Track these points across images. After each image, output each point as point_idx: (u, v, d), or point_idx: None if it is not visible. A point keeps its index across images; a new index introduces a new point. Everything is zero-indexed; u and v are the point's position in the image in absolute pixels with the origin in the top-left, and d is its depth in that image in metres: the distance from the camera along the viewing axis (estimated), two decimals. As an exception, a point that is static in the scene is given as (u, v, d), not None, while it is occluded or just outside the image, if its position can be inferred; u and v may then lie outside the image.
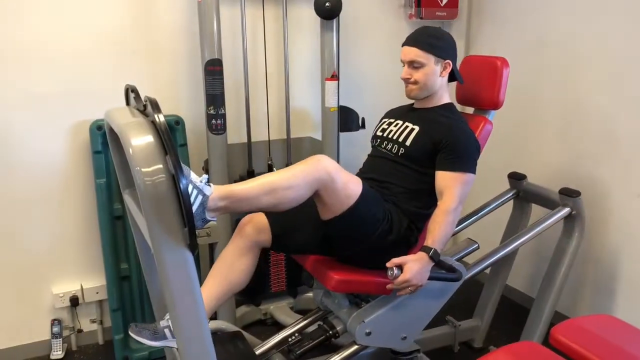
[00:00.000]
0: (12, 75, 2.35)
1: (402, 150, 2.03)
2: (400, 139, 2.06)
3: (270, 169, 2.73)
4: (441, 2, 3.03)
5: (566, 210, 2.30)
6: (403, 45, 2.07)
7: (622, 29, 2.40)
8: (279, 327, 2.71)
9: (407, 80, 2.07)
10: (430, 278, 1.83)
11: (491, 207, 2.51)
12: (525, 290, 3.01)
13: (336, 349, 2.11)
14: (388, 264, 1.77)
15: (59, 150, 2.48)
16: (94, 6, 2.43)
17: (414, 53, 2.02)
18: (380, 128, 2.20)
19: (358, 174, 2.13)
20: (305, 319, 2.27)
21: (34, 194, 2.47)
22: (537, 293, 2.45)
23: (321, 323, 2.13)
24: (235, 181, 2.68)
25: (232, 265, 1.90)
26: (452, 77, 2.11)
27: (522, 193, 2.51)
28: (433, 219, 1.88)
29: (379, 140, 2.17)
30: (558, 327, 1.50)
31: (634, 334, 1.53)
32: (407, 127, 2.08)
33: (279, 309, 2.83)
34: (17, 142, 2.41)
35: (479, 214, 2.49)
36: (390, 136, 2.12)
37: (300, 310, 2.87)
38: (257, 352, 2.13)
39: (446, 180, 1.92)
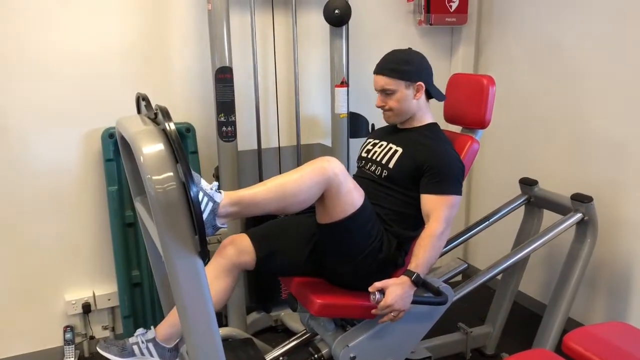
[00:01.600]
0: (24, 84, 2.37)
1: (385, 173, 2.01)
2: (384, 161, 2.03)
3: None
4: (450, 7, 3.03)
5: (578, 216, 2.28)
6: (373, 73, 2.07)
7: (634, 34, 2.38)
8: (289, 333, 2.71)
9: (382, 108, 2.07)
10: (415, 302, 1.79)
11: (502, 213, 2.49)
12: (538, 296, 2.98)
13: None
14: (370, 289, 1.74)
15: (71, 158, 2.51)
16: (105, 15, 2.45)
17: (383, 81, 2.02)
18: (365, 149, 2.18)
19: None
20: (292, 342, 2.24)
21: (46, 201, 2.49)
22: (549, 299, 2.43)
23: (306, 346, 2.10)
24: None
25: (210, 286, 1.85)
26: (429, 96, 2.09)
27: (534, 199, 2.49)
28: (419, 242, 1.85)
29: (363, 161, 2.14)
30: (571, 335, 1.49)
31: (648, 341, 1.51)
32: (390, 148, 2.06)
33: (290, 315, 2.83)
34: (30, 150, 2.43)
35: (490, 220, 2.48)
36: (374, 157, 2.09)
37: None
38: (268, 359, 2.13)
39: (432, 204, 1.89)
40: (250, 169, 2.75)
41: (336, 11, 2.53)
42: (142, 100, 1.53)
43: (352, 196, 1.77)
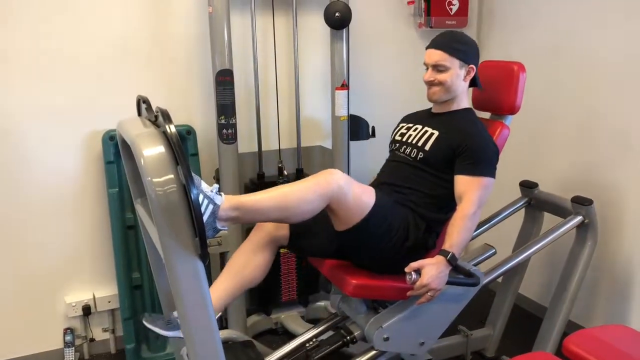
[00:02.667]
0: (25, 85, 2.38)
1: (421, 155, 2.04)
2: (420, 144, 2.06)
3: (280, 172, 2.73)
4: (451, 10, 3.03)
5: (578, 218, 2.28)
6: (427, 47, 2.08)
7: (635, 37, 2.38)
8: (290, 336, 2.71)
9: (430, 83, 2.07)
10: (448, 283, 1.82)
11: (503, 215, 2.49)
12: (538, 299, 2.98)
13: (347, 358, 2.10)
14: (406, 269, 1.78)
15: (71, 160, 2.51)
16: (106, 17, 2.45)
17: (438, 56, 2.03)
18: (399, 132, 2.21)
19: (376, 179, 2.15)
20: (322, 325, 2.27)
21: (46, 203, 2.49)
22: (549, 302, 2.42)
23: (338, 329, 2.13)
24: (245, 185, 2.70)
25: (248, 260, 1.92)
26: (471, 82, 2.11)
27: (534, 201, 2.49)
28: (452, 223, 1.88)
29: (397, 144, 2.17)
30: (571, 338, 1.49)
31: (648, 344, 1.51)
32: (426, 131, 2.09)
33: (290, 318, 2.83)
34: (30, 152, 2.43)
35: (491, 222, 2.48)
36: (409, 140, 2.12)
37: (311, 319, 2.86)
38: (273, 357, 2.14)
39: (465, 185, 1.92)
40: (250, 171, 2.75)
41: (337, 14, 2.53)
42: (142, 103, 1.53)
43: (362, 200, 1.80)
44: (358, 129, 2.79)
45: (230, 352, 1.94)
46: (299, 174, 2.78)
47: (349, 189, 1.74)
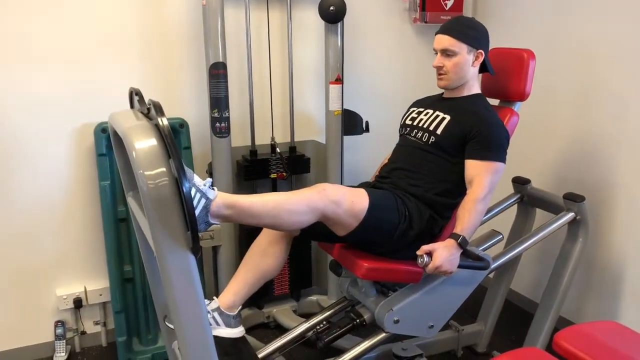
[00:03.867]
0: (17, 78, 2.35)
1: (432, 139, 2.04)
2: (431, 128, 2.07)
3: (273, 149, 2.72)
4: (445, 6, 3.03)
5: (570, 215, 2.29)
6: (437, 33, 2.08)
7: (631, 30, 2.39)
8: (282, 330, 2.71)
9: (439, 69, 2.08)
10: (459, 266, 1.84)
11: (495, 211, 2.50)
12: (529, 295, 2.99)
13: (339, 352, 2.10)
14: (418, 252, 1.80)
15: (63, 153, 2.49)
16: (99, 9, 2.43)
17: (447, 41, 2.03)
18: (410, 117, 2.21)
19: (387, 164, 2.18)
20: (332, 308, 2.30)
21: (37, 196, 2.48)
22: (541, 298, 2.44)
23: (348, 312, 2.16)
24: (238, 162, 2.68)
25: (265, 251, 1.94)
26: (481, 68, 2.12)
27: (526, 197, 2.50)
28: (462, 206, 1.91)
29: (408, 128, 2.18)
30: (562, 333, 1.49)
31: (639, 341, 1.52)
32: (437, 116, 2.09)
33: (282, 312, 2.83)
34: (22, 144, 2.42)
35: (483, 218, 2.48)
36: (420, 125, 2.12)
37: (303, 313, 2.86)
38: (260, 355, 2.13)
39: (476, 169, 1.94)
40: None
41: (331, 8, 2.52)
42: (135, 95, 1.52)
43: (355, 207, 1.82)
44: (352, 123, 2.79)
45: (221, 346, 1.94)
46: (292, 152, 2.79)
47: (341, 202, 1.77)
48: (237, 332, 1.89)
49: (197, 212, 1.47)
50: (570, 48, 2.66)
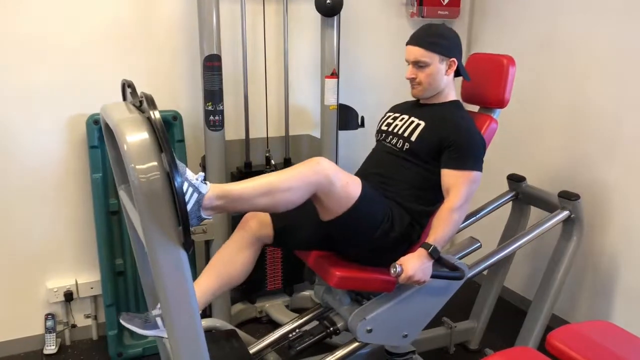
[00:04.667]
0: (8, 68, 2.32)
1: (407, 145, 2.02)
2: (406, 134, 2.05)
3: (267, 161, 2.71)
4: (443, 1, 3.01)
5: (565, 213, 2.28)
6: (407, 44, 2.06)
7: (626, 31, 2.38)
8: (274, 325, 2.70)
9: (412, 80, 2.06)
10: (432, 276, 1.82)
11: (490, 208, 2.49)
12: (523, 292, 3.00)
13: (332, 349, 2.10)
14: (391, 265, 1.78)
15: (54, 144, 2.46)
16: (93, 0, 2.41)
17: (418, 53, 2.01)
18: (385, 122, 2.19)
19: (360, 169, 2.13)
20: (306, 316, 2.27)
21: (29, 188, 2.45)
22: (534, 296, 2.44)
23: (322, 320, 2.13)
24: (232, 173, 2.67)
25: (232, 258, 1.90)
26: (457, 73, 2.10)
27: (521, 195, 2.50)
28: (437, 215, 1.88)
29: (383, 134, 2.15)
30: (555, 333, 1.49)
31: (631, 341, 1.52)
32: (412, 122, 2.07)
33: (275, 307, 2.82)
34: (13, 135, 2.39)
35: (478, 215, 2.48)
36: (395, 131, 2.10)
37: (296, 308, 2.86)
38: (252, 350, 2.12)
39: (452, 179, 1.91)
40: (237, 158, 2.72)
41: (328, 1, 2.50)
42: (127, 87, 1.50)
43: (348, 190, 1.78)
44: (347, 118, 2.77)
45: (213, 341, 1.93)
46: (287, 164, 2.76)
47: (336, 179, 1.71)
48: None
49: (189, 206, 1.44)
50: (568, 46, 2.65)
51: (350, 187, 1.79)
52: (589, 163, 2.58)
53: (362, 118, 2.79)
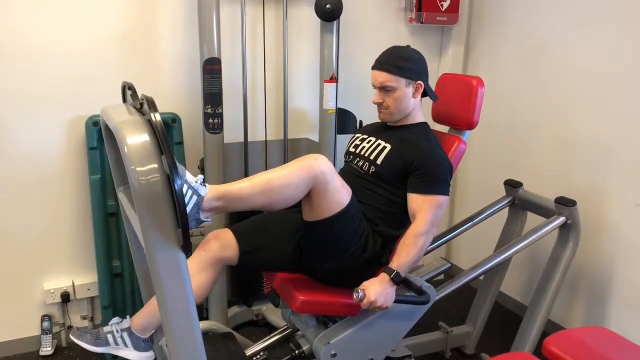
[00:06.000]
0: (8, 70, 2.33)
1: (372, 169, 2.00)
2: (372, 157, 2.02)
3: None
4: (442, 7, 3.03)
5: (561, 219, 2.29)
6: (372, 68, 2.04)
7: (622, 39, 2.40)
8: (270, 328, 2.71)
9: (379, 105, 2.05)
10: (397, 301, 1.79)
11: (486, 213, 2.50)
12: (519, 297, 3.00)
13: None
14: (354, 290, 1.75)
15: (53, 145, 2.47)
16: (93, 2, 2.41)
17: (384, 77, 1.99)
18: (353, 144, 2.17)
19: None
20: (273, 337, 2.24)
21: (27, 188, 2.45)
22: (530, 301, 2.44)
23: (288, 342, 2.11)
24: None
25: (191, 278, 1.83)
26: (424, 94, 2.08)
27: (518, 201, 2.51)
28: (402, 241, 1.85)
29: (351, 156, 2.13)
30: (551, 338, 1.50)
31: (627, 347, 1.52)
32: (379, 144, 2.04)
33: (271, 310, 2.82)
34: (12, 136, 2.39)
35: (474, 221, 2.49)
36: (362, 153, 2.08)
37: (293, 312, 2.86)
38: (248, 353, 2.12)
39: (418, 203, 1.88)
40: (236, 161, 2.73)
41: (327, 5, 2.51)
42: (128, 89, 1.50)
43: (339, 194, 1.76)
44: (345, 122, 2.78)
45: (210, 344, 1.93)
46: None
47: (331, 178, 1.70)
48: (146, 356, 1.78)
49: (188, 209, 1.45)
50: (564, 52, 2.66)
51: (341, 192, 1.77)
52: (585, 169, 2.59)
53: (361, 122, 2.80)
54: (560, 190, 2.47)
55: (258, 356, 2.12)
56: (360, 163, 2.05)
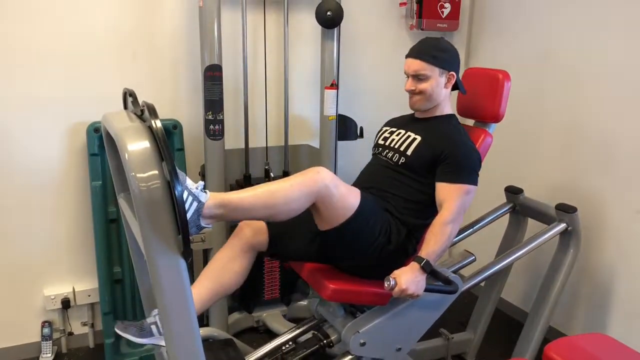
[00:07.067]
0: (10, 76, 2.33)
1: (402, 160, 2.03)
2: (402, 148, 2.06)
3: (267, 174, 2.72)
4: (442, 13, 3.04)
5: (562, 226, 2.29)
6: (407, 57, 2.07)
7: (624, 44, 2.40)
8: (271, 335, 2.70)
9: (411, 92, 2.07)
10: (426, 290, 1.82)
11: (487, 220, 2.50)
12: (520, 304, 3.00)
13: (328, 359, 2.10)
14: (385, 278, 1.78)
15: (55, 152, 2.47)
16: (94, 9, 2.42)
17: (418, 65, 2.02)
18: (382, 136, 2.20)
19: (356, 183, 2.13)
20: (300, 328, 2.25)
21: (28, 195, 2.46)
22: (531, 308, 2.44)
23: (315, 332, 2.13)
24: (231, 186, 2.68)
25: (226, 266, 1.89)
26: (454, 87, 2.11)
27: (519, 207, 2.50)
28: (430, 230, 1.88)
29: (380, 148, 2.16)
30: (552, 345, 1.49)
31: (628, 355, 1.52)
32: (409, 136, 2.08)
33: (272, 316, 2.82)
34: (13, 143, 2.39)
35: (475, 227, 2.49)
36: (391, 145, 2.11)
37: (293, 318, 2.85)
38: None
39: (446, 192, 1.92)
40: (236, 168, 2.74)
41: (328, 13, 2.52)
42: (129, 96, 1.51)
43: (347, 201, 1.79)
44: (346, 129, 2.79)
45: (210, 351, 1.93)
46: (285, 176, 2.77)
47: (335, 189, 1.72)
48: None
49: (189, 215, 1.45)
50: (565, 59, 2.67)
51: (349, 198, 1.80)
52: (586, 176, 2.59)
53: (361, 129, 2.81)
54: (561, 197, 2.47)
55: (286, 346, 2.12)
56: (390, 154, 2.09)
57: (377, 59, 3.07)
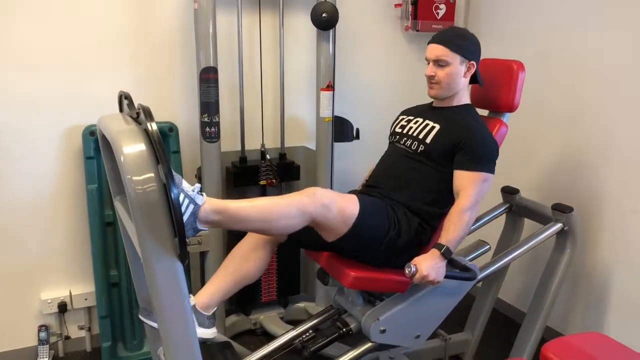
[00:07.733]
0: (4, 79, 2.33)
1: (421, 148, 2.04)
2: (421, 136, 2.07)
3: (263, 156, 2.71)
4: (437, 14, 3.04)
5: (558, 226, 2.30)
6: (429, 42, 2.08)
7: (621, 44, 2.41)
8: (268, 337, 2.70)
9: (430, 78, 2.08)
10: (446, 277, 1.85)
11: (483, 220, 2.50)
12: (517, 304, 3.00)
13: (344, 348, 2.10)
14: (406, 265, 1.81)
15: (50, 155, 2.47)
16: (90, 11, 2.41)
17: (440, 51, 2.03)
18: (399, 125, 2.21)
19: (374, 171, 2.18)
20: (318, 317, 2.28)
21: (24, 198, 2.45)
22: (528, 308, 2.44)
23: (335, 321, 2.15)
24: (227, 169, 2.67)
25: (247, 256, 1.92)
26: (471, 79, 2.13)
27: (515, 207, 2.51)
28: (448, 217, 1.90)
29: (397, 136, 2.18)
30: (549, 345, 1.50)
31: (625, 353, 1.52)
32: (427, 124, 2.09)
33: (269, 318, 2.81)
34: (8, 145, 2.39)
35: (472, 228, 2.48)
36: (410, 133, 2.13)
37: (291, 320, 2.85)
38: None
39: (464, 180, 1.94)
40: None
41: (324, 14, 2.52)
42: (124, 99, 1.51)
43: (345, 213, 1.82)
44: (342, 130, 2.79)
45: (207, 353, 1.92)
46: (282, 159, 2.79)
47: (332, 206, 1.76)
48: (210, 333, 1.87)
49: (185, 218, 1.45)
50: (561, 60, 2.68)
51: (346, 209, 1.82)
52: (582, 176, 2.59)
53: (357, 130, 2.81)
54: (557, 197, 2.47)
55: (307, 334, 2.13)
56: (409, 142, 2.10)
57: (373, 60, 3.07)
